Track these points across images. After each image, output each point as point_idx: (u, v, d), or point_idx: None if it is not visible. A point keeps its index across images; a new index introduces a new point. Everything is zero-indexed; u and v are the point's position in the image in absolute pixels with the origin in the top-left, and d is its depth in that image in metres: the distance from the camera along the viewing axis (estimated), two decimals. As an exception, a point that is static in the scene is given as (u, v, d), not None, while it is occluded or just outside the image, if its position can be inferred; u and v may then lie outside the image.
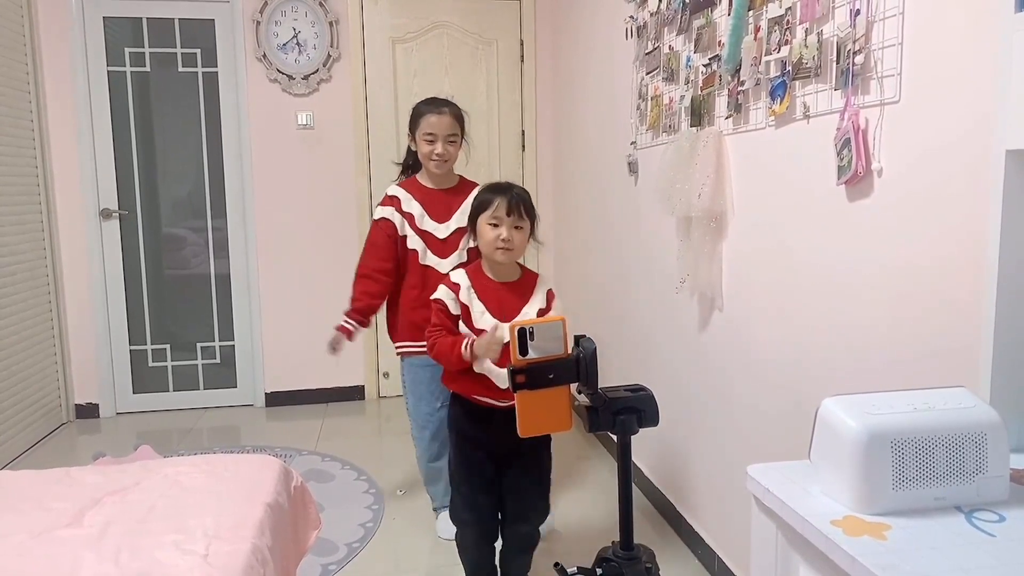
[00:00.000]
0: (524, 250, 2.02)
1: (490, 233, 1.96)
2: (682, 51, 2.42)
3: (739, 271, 2.15)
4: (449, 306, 1.99)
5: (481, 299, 1.99)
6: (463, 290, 2.00)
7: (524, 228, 1.98)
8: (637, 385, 1.60)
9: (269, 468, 1.88)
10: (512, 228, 1.95)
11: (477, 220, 1.99)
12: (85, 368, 4.07)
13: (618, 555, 1.58)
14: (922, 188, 1.41)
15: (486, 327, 1.94)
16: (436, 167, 2.46)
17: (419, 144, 2.47)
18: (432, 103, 2.49)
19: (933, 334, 1.40)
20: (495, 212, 1.95)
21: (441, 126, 2.42)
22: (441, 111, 2.44)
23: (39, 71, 3.81)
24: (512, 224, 1.95)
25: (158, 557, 1.44)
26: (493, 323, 1.94)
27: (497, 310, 1.98)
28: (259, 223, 4.14)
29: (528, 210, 1.98)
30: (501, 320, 1.95)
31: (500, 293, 2.01)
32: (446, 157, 2.45)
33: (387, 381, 4.35)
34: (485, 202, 1.98)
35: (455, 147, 2.47)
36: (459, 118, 2.48)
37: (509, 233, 1.94)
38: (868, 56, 1.51)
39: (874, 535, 0.99)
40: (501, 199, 1.95)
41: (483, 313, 1.97)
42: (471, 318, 1.98)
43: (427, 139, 2.44)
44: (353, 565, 2.50)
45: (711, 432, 2.37)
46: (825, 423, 1.11)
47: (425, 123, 2.44)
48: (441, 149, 2.43)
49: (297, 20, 4.06)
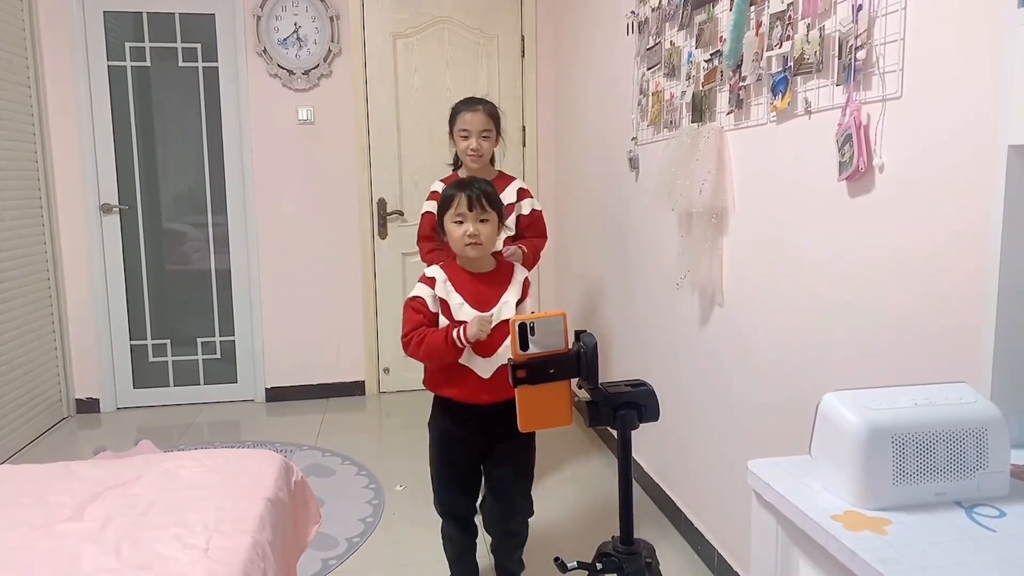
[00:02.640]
0: (495, 241, 2.05)
1: (457, 231, 1.99)
2: (683, 46, 2.42)
3: (740, 267, 2.14)
4: (428, 303, 2.01)
5: (458, 291, 2.01)
6: (439, 284, 2.02)
7: (490, 220, 2.00)
8: (637, 380, 1.60)
9: (270, 463, 1.88)
10: (477, 222, 1.97)
11: (443, 220, 2.02)
12: (86, 363, 4.08)
13: (618, 550, 1.58)
14: (924, 184, 1.41)
15: (466, 319, 1.96)
16: (472, 161, 2.56)
17: (456, 140, 2.58)
18: (468, 101, 2.60)
19: (934, 329, 1.40)
20: (457, 209, 1.98)
21: (475, 122, 2.53)
22: (475, 108, 2.55)
23: (39, 66, 3.80)
24: (476, 218, 1.97)
25: (159, 551, 1.44)
26: (473, 314, 1.97)
27: (475, 301, 2.00)
28: (259, 218, 4.14)
29: (491, 202, 2.00)
30: (480, 311, 1.98)
31: (476, 285, 2.03)
32: (480, 152, 2.54)
33: (387, 376, 4.36)
34: (447, 200, 2.01)
35: (489, 142, 2.57)
36: (493, 115, 2.58)
37: (475, 228, 1.97)
38: (870, 52, 1.51)
39: (875, 530, 0.99)
40: (461, 195, 1.98)
41: (462, 305, 2.00)
42: (450, 311, 2.00)
43: (462, 135, 2.55)
44: (353, 560, 2.51)
45: (711, 427, 2.37)
46: (826, 418, 1.11)
47: (461, 120, 2.55)
48: (476, 144, 2.53)
49: (298, 15, 4.05)
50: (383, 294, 4.30)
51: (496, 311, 2.00)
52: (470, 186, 2.00)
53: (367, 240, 4.25)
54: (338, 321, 4.27)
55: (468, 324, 1.93)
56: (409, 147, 4.22)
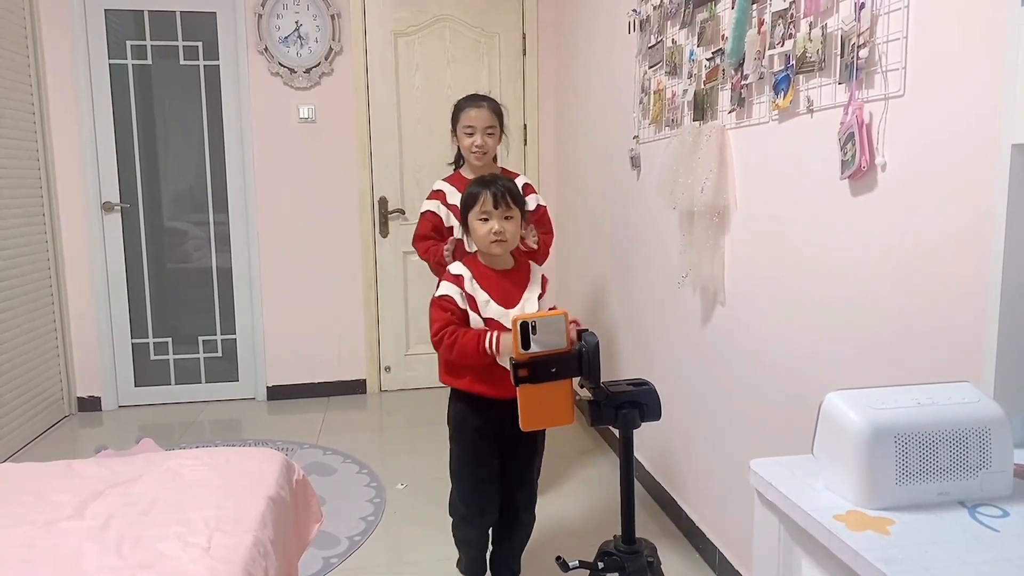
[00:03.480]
0: (518, 238, 2.06)
1: (482, 228, 1.99)
2: (685, 45, 2.41)
3: (741, 266, 2.14)
4: (458, 301, 2.01)
5: (484, 289, 2.01)
6: (466, 281, 2.02)
7: (514, 217, 2.01)
8: (639, 379, 1.60)
9: (271, 461, 1.89)
10: (502, 219, 1.98)
11: (468, 217, 2.02)
12: (87, 361, 4.08)
13: (620, 549, 1.58)
14: (926, 183, 1.40)
15: (492, 316, 1.98)
16: (476, 158, 2.55)
17: (460, 137, 2.56)
18: (471, 98, 2.59)
19: (937, 328, 1.39)
20: (483, 207, 1.98)
21: (480, 119, 2.51)
22: (479, 105, 2.54)
23: (41, 64, 3.80)
24: (502, 215, 1.98)
25: (160, 549, 1.45)
26: (499, 311, 1.98)
27: (500, 298, 2.01)
28: (260, 217, 4.14)
29: (515, 199, 2.01)
30: (505, 307, 1.99)
31: (500, 282, 2.03)
32: (485, 149, 2.53)
33: (389, 375, 4.36)
34: (471, 198, 2.01)
35: (494, 139, 2.56)
36: (497, 112, 2.57)
37: (501, 225, 1.98)
38: (872, 50, 1.50)
39: (877, 530, 0.99)
40: (486, 193, 1.98)
41: (488, 302, 2.00)
42: (477, 307, 2.00)
43: (467, 132, 2.53)
44: (354, 558, 2.51)
45: (713, 426, 2.37)
46: (828, 417, 1.11)
47: (465, 117, 2.53)
48: (480, 141, 2.51)
49: (299, 13, 4.05)
50: (384, 292, 4.30)
51: (519, 308, 2.01)
52: (494, 183, 2.00)
53: (368, 238, 4.25)
54: (339, 319, 4.27)
55: (502, 338, 1.92)
56: (410, 145, 4.22)
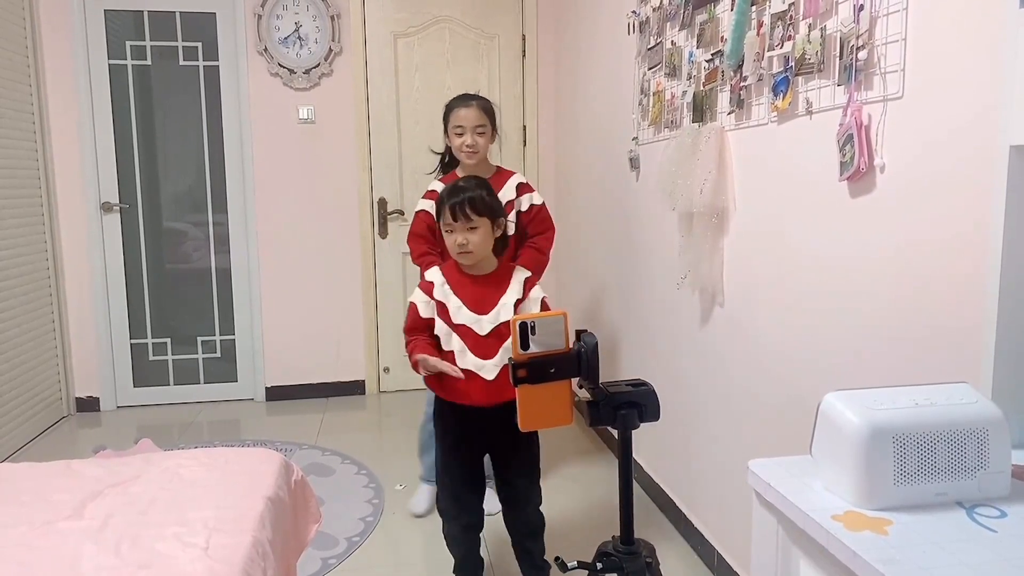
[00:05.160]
0: (488, 246, 2.03)
1: (448, 239, 2.00)
2: (684, 46, 2.41)
3: (740, 267, 2.14)
4: (421, 309, 2.02)
5: (457, 295, 2.01)
6: (437, 287, 2.03)
7: (480, 227, 1.98)
8: (638, 380, 1.60)
9: (270, 462, 1.88)
10: (466, 231, 1.97)
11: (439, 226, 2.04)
12: (86, 361, 4.07)
13: (618, 549, 1.58)
14: (925, 184, 1.40)
15: (464, 322, 1.98)
16: (467, 157, 2.53)
17: (451, 137, 2.55)
18: (461, 98, 2.57)
19: (935, 329, 1.40)
20: (445, 220, 1.99)
21: (469, 118, 2.50)
22: (469, 104, 2.52)
23: (40, 64, 3.80)
24: (464, 227, 1.97)
25: (159, 549, 1.44)
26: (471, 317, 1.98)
27: (473, 304, 2.00)
28: (260, 217, 4.14)
29: (479, 209, 1.98)
30: (478, 314, 1.99)
31: (475, 287, 2.03)
32: (476, 148, 2.51)
33: (388, 376, 4.36)
34: (438, 209, 2.02)
35: (485, 138, 2.54)
36: (487, 110, 2.55)
37: (464, 237, 1.97)
38: (871, 52, 1.51)
39: (875, 530, 0.99)
40: (447, 207, 1.98)
41: (460, 308, 2.00)
42: (448, 314, 2.00)
43: (457, 131, 2.52)
44: (353, 559, 2.51)
45: (712, 427, 2.37)
46: (827, 418, 1.11)
47: (455, 116, 2.52)
48: (471, 140, 2.50)
49: (299, 14, 4.05)
50: (383, 293, 4.30)
51: (494, 313, 2.00)
52: (458, 194, 1.99)
53: (367, 239, 4.25)
54: (338, 320, 4.27)
55: (423, 360, 1.93)
56: (410, 146, 4.22)
